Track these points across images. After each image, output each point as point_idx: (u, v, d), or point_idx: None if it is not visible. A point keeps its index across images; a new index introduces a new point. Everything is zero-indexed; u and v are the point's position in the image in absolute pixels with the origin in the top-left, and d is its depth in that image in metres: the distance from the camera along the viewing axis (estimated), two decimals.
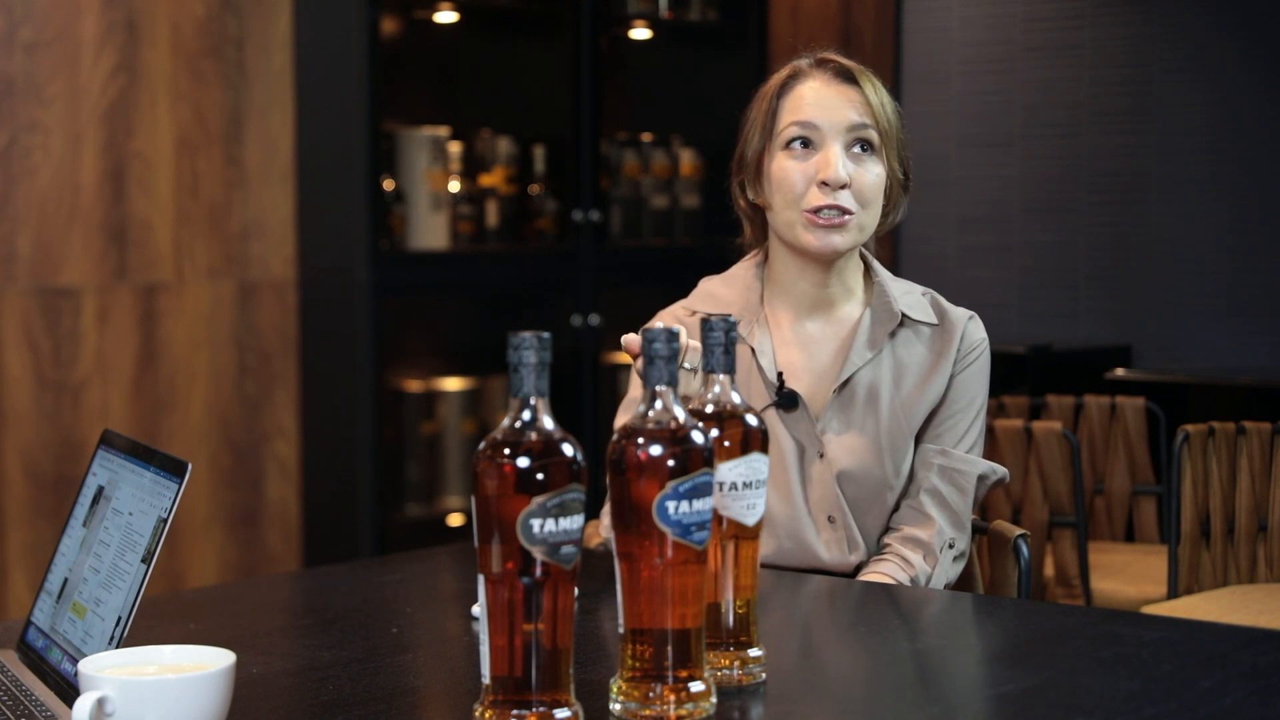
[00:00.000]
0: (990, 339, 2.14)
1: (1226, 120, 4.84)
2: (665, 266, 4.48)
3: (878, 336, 2.09)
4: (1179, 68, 4.92)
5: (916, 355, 2.10)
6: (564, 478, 1.29)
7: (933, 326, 2.11)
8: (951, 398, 2.09)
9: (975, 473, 2.07)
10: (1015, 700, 1.44)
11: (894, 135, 2.06)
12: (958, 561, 2.07)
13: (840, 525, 2.06)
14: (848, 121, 2.04)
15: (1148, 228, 4.99)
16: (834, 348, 2.11)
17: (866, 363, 2.08)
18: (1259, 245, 4.79)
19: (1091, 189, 5.10)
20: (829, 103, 2.05)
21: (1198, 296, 4.89)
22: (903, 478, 2.08)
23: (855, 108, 2.04)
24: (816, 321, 2.13)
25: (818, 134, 2.05)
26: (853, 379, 2.08)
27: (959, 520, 2.07)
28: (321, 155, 3.88)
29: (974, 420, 2.10)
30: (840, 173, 2.02)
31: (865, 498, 2.07)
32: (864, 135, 2.04)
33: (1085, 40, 5.10)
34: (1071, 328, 5.10)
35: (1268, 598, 2.96)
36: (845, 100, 2.05)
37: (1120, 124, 5.03)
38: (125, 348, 3.65)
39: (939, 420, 2.09)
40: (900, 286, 2.13)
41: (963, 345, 2.10)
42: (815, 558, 2.07)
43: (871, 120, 2.04)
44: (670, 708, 1.35)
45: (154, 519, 1.47)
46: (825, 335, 2.12)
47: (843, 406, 2.08)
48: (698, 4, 4.66)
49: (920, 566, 2.03)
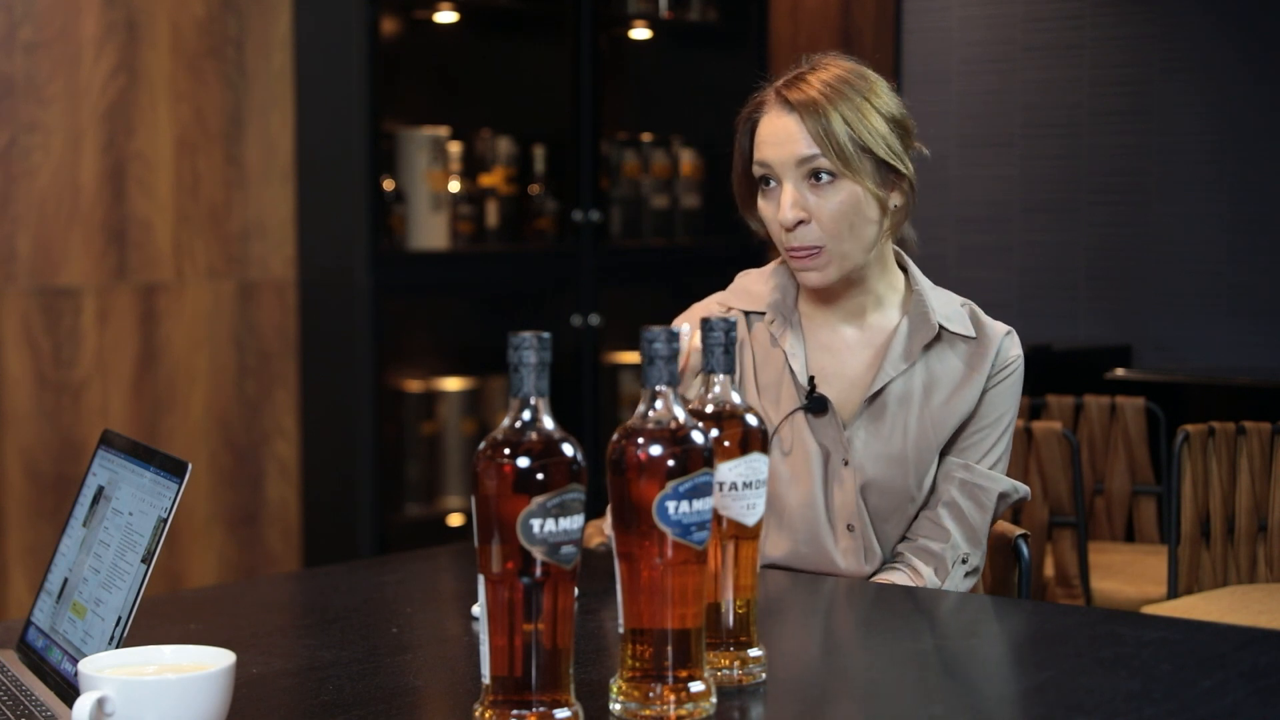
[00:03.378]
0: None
1: (1226, 120, 4.84)
2: (665, 266, 4.48)
3: (913, 347, 2.06)
4: (1179, 68, 4.92)
5: (950, 368, 2.07)
6: (564, 478, 1.29)
7: (969, 340, 2.08)
8: (981, 413, 2.07)
9: (997, 490, 2.05)
10: (1015, 700, 1.44)
11: (854, 156, 1.98)
12: (969, 577, 2.05)
13: (859, 534, 2.05)
14: (795, 156, 1.99)
15: (1148, 228, 4.99)
16: (868, 355, 2.08)
17: (900, 374, 2.06)
18: (1259, 245, 4.79)
19: (1091, 189, 5.10)
20: (778, 139, 2.00)
21: (1198, 296, 4.89)
22: (925, 490, 2.06)
23: (801, 140, 1.99)
24: (851, 327, 2.10)
25: (774, 173, 2.02)
26: (884, 389, 2.06)
27: (975, 536, 2.05)
28: (321, 155, 3.88)
29: (1001, 436, 2.08)
30: (786, 215, 1.99)
31: (887, 508, 2.05)
32: (815, 166, 1.99)
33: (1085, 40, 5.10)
34: (1071, 328, 5.10)
35: (1268, 598, 2.96)
36: (789, 135, 1.99)
37: (1120, 124, 5.03)
38: (125, 348, 3.65)
39: (966, 434, 2.07)
40: (940, 297, 2.10)
41: (997, 361, 2.07)
42: (832, 564, 2.05)
43: (819, 149, 1.98)
44: (670, 708, 1.35)
45: (154, 519, 1.47)
46: (860, 341, 2.09)
47: (873, 416, 2.05)
48: (698, 4, 4.66)
49: (929, 578, 2.02)
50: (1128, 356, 4.91)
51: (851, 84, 2.02)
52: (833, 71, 2.03)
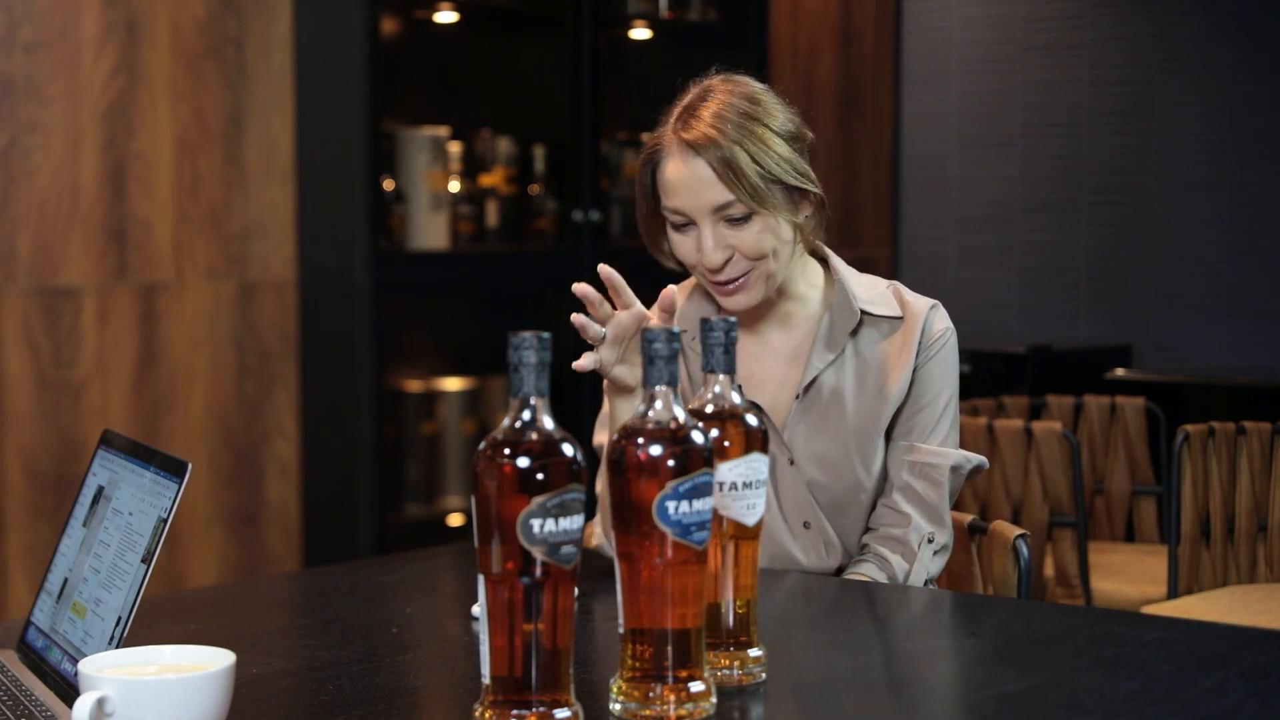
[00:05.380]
0: (990, 339, 2.13)
1: (1226, 120, 4.84)
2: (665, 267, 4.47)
3: (837, 337, 2.06)
4: (1179, 68, 4.92)
5: (879, 351, 2.07)
6: (564, 478, 1.29)
7: (895, 320, 2.07)
8: (917, 392, 2.06)
9: (947, 464, 2.04)
10: (1015, 700, 1.44)
11: (765, 191, 1.97)
12: (939, 555, 2.05)
13: (816, 529, 2.06)
14: (710, 204, 1.98)
15: (1148, 228, 4.99)
16: (794, 353, 2.09)
17: (828, 365, 2.05)
18: (1259, 245, 4.79)
19: (1091, 189, 5.10)
20: (689, 186, 1.99)
21: (1198, 296, 4.89)
22: (875, 477, 2.06)
23: (712, 187, 1.97)
24: (775, 331, 2.11)
25: (689, 218, 2.02)
26: (816, 383, 2.06)
27: (935, 514, 2.05)
28: (321, 155, 3.88)
29: (943, 412, 2.07)
30: (711, 259, 2.00)
31: (839, 501, 2.06)
32: (729, 213, 1.99)
33: (1085, 40, 5.10)
34: (1071, 328, 5.10)
35: (1268, 598, 2.96)
36: (700, 181, 1.98)
37: (1120, 124, 5.03)
38: (125, 348, 3.65)
39: (907, 415, 2.06)
40: (862, 282, 2.10)
41: (924, 337, 2.06)
42: (794, 562, 2.07)
43: (732, 194, 1.97)
44: (670, 708, 1.35)
45: (154, 519, 1.47)
46: (785, 342, 2.10)
47: (807, 412, 2.06)
48: (698, 4, 4.66)
49: (898, 564, 2.02)
50: (1128, 356, 4.91)
51: (746, 113, 1.99)
52: (722, 99, 2.00)
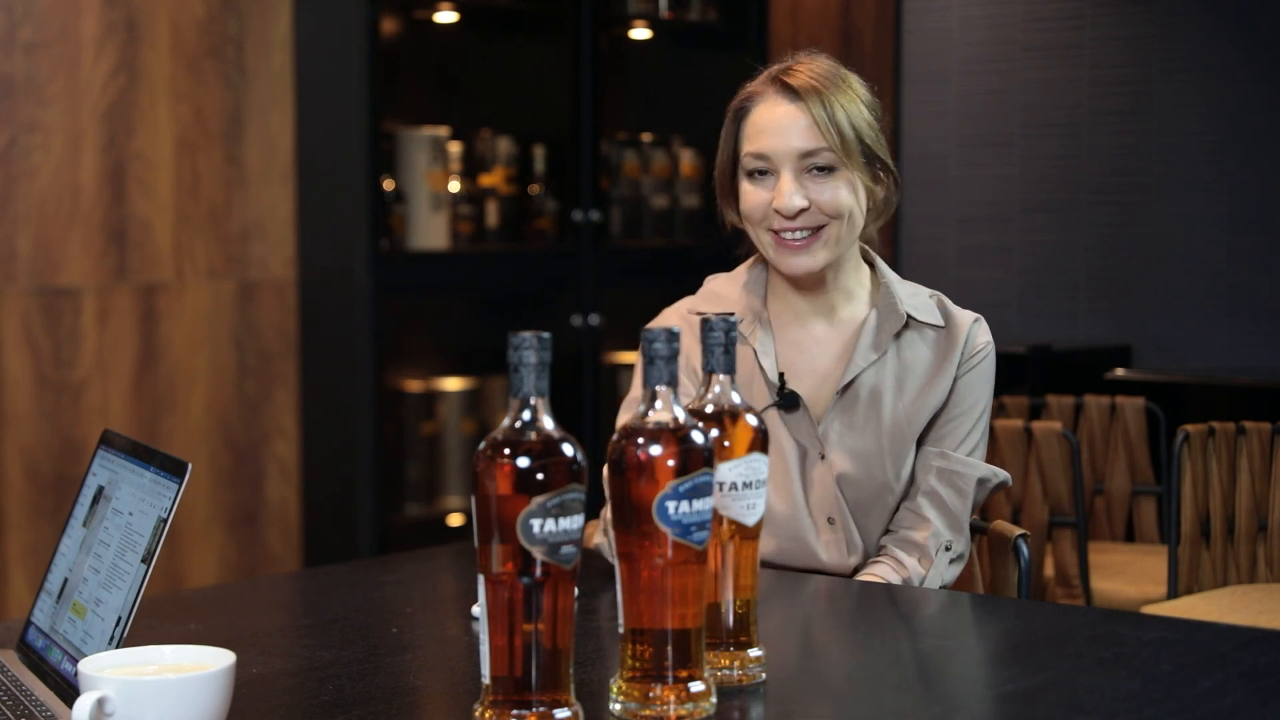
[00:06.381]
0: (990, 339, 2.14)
1: (1226, 120, 4.84)
2: (665, 266, 4.48)
3: (882, 338, 2.08)
4: (1179, 68, 4.92)
5: (921, 358, 2.09)
6: (564, 478, 1.29)
7: (938, 329, 2.10)
8: (954, 401, 2.08)
9: (975, 476, 2.07)
10: (1015, 700, 1.44)
11: (855, 147, 2.01)
12: (955, 564, 2.06)
13: (840, 527, 2.07)
14: (797, 149, 2.01)
15: (1148, 228, 4.99)
16: (837, 349, 2.11)
17: (870, 365, 2.07)
18: (1259, 245, 4.79)
19: (1091, 189, 5.10)
20: (778, 129, 2.01)
21: (1198, 296, 4.89)
22: (904, 481, 2.08)
23: (803, 132, 2.01)
24: (820, 323, 2.12)
25: (771, 164, 2.03)
26: (855, 381, 2.07)
27: (957, 523, 2.06)
28: (321, 155, 3.88)
29: (976, 423, 2.10)
30: (790, 203, 2.01)
31: (866, 500, 2.07)
32: (815, 161, 2.01)
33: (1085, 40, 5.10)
34: (1071, 328, 5.10)
35: (1268, 598, 2.96)
36: (793, 125, 2.01)
37: (1120, 124, 5.03)
38: (125, 348, 3.65)
39: (941, 423, 2.09)
40: (907, 289, 2.13)
41: (967, 348, 2.09)
42: (815, 558, 2.07)
43: (822, 142, 2.00)
44: (670, 708, 1.35)
45: (154, 519, 1.47)
46: (829, 337, 2.12)
47: (845, 409, 2.07)
48: (698, 4, 4.66)
49: (914, 569, 2.03)
50: (1128, 356, 4.91)
51: (842, 77, 2.06)
52: (820, 64, 2.06)
